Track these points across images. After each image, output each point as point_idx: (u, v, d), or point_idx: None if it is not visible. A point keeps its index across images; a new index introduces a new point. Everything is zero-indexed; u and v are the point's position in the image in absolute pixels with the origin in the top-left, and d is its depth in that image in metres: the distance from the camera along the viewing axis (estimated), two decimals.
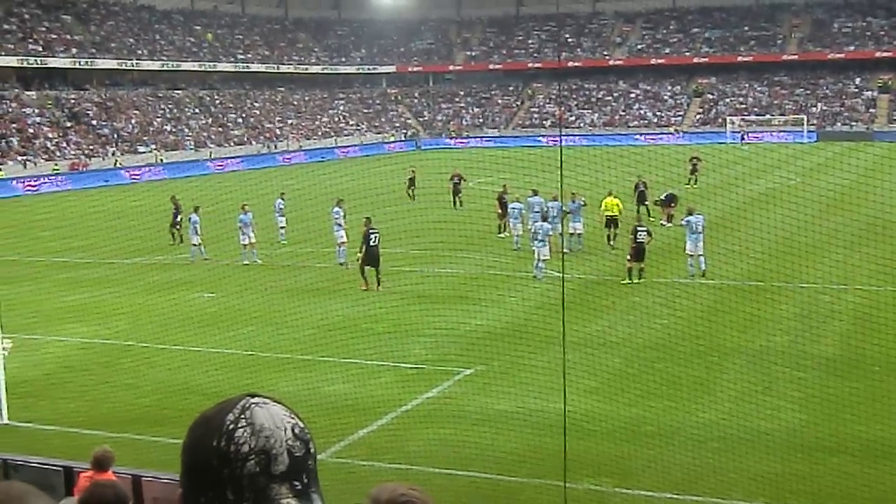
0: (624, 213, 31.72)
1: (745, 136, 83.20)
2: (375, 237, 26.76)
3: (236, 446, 1.69)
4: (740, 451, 14.07)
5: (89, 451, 9.90)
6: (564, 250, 29.61)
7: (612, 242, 31.45)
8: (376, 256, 26.80)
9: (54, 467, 10.44)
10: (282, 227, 34.76)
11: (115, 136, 78.73)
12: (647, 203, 36.69)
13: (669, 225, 34.73)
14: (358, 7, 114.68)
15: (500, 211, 35.16)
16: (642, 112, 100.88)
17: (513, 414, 15.79)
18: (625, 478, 13.44)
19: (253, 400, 1.77)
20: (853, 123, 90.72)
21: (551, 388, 14.80)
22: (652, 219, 35.14)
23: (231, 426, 1.71)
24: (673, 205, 36.28)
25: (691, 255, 26.94)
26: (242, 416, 1.73)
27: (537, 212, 30.54)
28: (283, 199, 34.85)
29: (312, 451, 1.78)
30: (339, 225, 30.68)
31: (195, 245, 31.91)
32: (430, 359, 19.58)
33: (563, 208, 30.31)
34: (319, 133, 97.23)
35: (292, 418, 1.78)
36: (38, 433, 15.35)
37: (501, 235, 34.65)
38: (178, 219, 35.42)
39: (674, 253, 28.05)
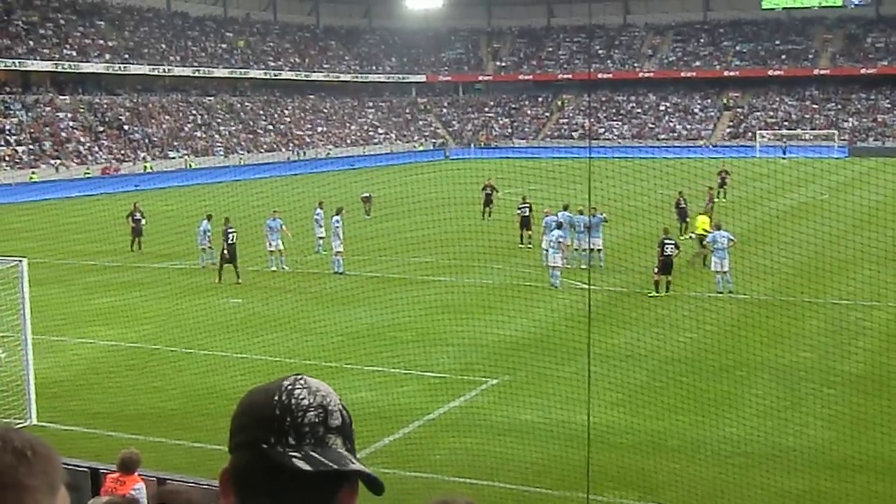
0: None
1: (786, 150, 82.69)
2: (233, 235, 29.50)
3: (297, 400, 1.83)
4: (766, 467, 13.98)
5: (116, 452, 9.97)
6: (583, 266, 29.65)
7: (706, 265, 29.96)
8: (234, 253, 29.47)
9: (81, 468, 10.51)
10: (320, 237, 34.56)
11: (146, 141, 79.30)
12: (688, 220, 36.45)
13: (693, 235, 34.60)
14: (389, 16, 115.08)
15: (518, 222, 35.76)
16: (672, 125, 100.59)
17: (537, 425, 15.76)
18: (648, 491, 13.37)
19: (302, 375, 1.93)
20: (885, 139, 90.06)
21: (576, 400, 14.78)
22: (691, 235, 34.90)
23: (289, 387, 1.86)
24: (688, 218, 36.30)
25: (717, 272, 26.74)
26: (297, 382, 1.88)
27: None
28: (321, 208, 34.72)
29: (353, 427, 1.93)
30: (337, 234, 30.76)
31: (204, 250, 32.05)
32: (456, 368, 19.57)
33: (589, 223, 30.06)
34: (348, 141, 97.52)
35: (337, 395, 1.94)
36: (65, 434, 15.45)
37: (522, 246, 34.94)
38: (142, 225, 35.84)
39: (702, 267, 27.90)
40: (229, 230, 29.63)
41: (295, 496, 1.80)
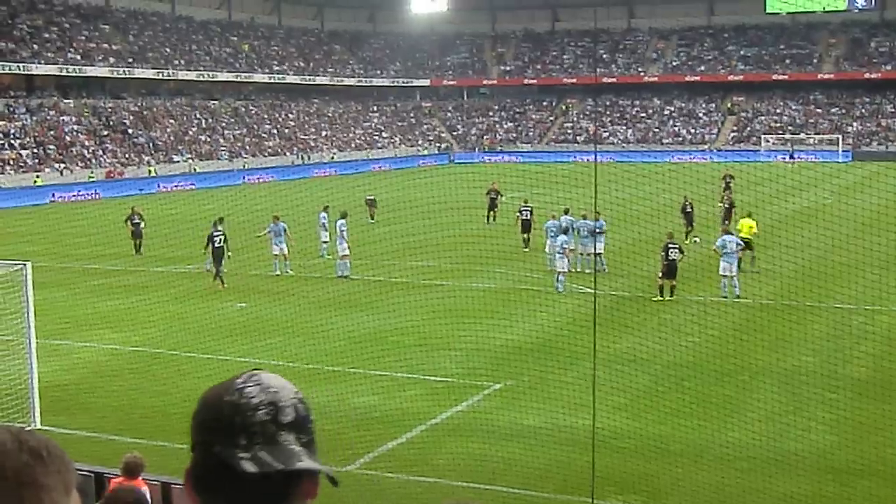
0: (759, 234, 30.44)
1: (793, 154, 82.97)
2: (219, 238, 29.42)
3: (247, 399, 1.86)
4: (769, 471, 13.98)
5: (119, 457, 9.98)
6: (587, 270, 29.67)
7: (753, 266, 29.98)
8: (220, 256, 29.34)
9: (85, 473, 10.53)
10: (324, 242, 34.51)
11: (151, 145, 79.40)
12: (693, 224, 36.52)
13: (697, 240, 34.62)
14: (393, 20, 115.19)
15: (519, 225, 36.36)
16: (676, 129, 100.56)
17: (541, 429, 15.76)
18: (652, 496, 13.38)
19: (258, 370, 1.97)
20: (889, 143, 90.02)
21: (580, 405, 14.77)
22: (696, 238, 34.92)
23: (241, 385, 1.89)
24: (694, 223, 36.34)
25: (725, 276, 26.73)
26: (250, 379, 1.91)
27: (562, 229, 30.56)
28: (326, 212, 34.63)
29: (312, 418, 1.93)
30: (343, 237, 30.83)
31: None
32: (459, 373, 19.57)
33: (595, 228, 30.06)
34: (353, 145, 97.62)
35: (295, 386, 1.95)
36: (69, 438, 15.45)
37: (527, 250, 35.32)
38: (141, 228, 36.19)
39: (706, 271, 27.91)
40: (215, 233, 29.65)
41: (249, 496, 1.82)
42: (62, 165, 69.84)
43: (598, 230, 29.18)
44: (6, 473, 1.64)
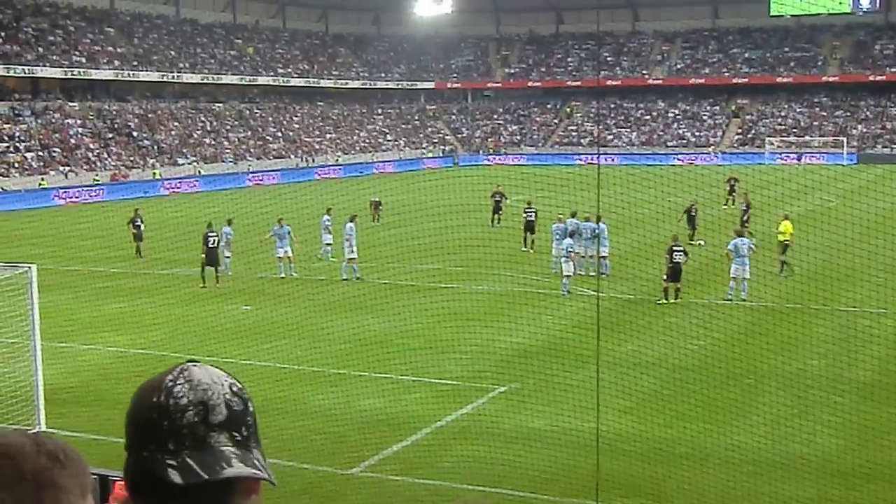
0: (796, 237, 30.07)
1: (801, 157, 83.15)
2: (214, 239, 30.23)
3: (175, 399, 1.79)
4: (775, 475, 13.95)
5: (124, 459, 9.97)
6: (591, 273, 29.66)
7: (784, 272, 29.95)
8: (215, 257, 30.16)
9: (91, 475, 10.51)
10: (327, 244, 34.55)
11: (156, 147, 79.48)
12: (697, 227, 36.48)
13: (702, 243, 34.57)
14: (398, 23, 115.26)
15: (523, 226, 36.62)
16: (681, 132, 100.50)
17: (546, 432, 15.74)
18: (658, 499, 13.35)
19: (191, 363, 1.89)
20: (894, 146, 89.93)
21: (585, 407, 14.77)
22: (700, 241, 34.89)
23: (170, 384, 1.82)
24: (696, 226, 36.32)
25: (734, 279, 26.63)
26: (181, 375, 1.83)
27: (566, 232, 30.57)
28: (329, 215, 34.65)
29: (251, 409, 1.85)
30: (349, 241, 30.85)
31: (227, 257, 32.07)
32: (465, 375, 19.56)
33: (595, 230, 30.00)
34: (357, 148, 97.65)
35: (230, 378, 1.87)
36: (73, 440, 15.38)
37: (525, 249, 35.80)
38: (142, 230, 36.57)
39: (711, 274, 27.89)
40: (210, 234, 30.13)
41: (181, 502, 1.77)
42: (67, 168, 69.93)
43: (596, 233, 29.11)
44: (25, 476, 1.65)
